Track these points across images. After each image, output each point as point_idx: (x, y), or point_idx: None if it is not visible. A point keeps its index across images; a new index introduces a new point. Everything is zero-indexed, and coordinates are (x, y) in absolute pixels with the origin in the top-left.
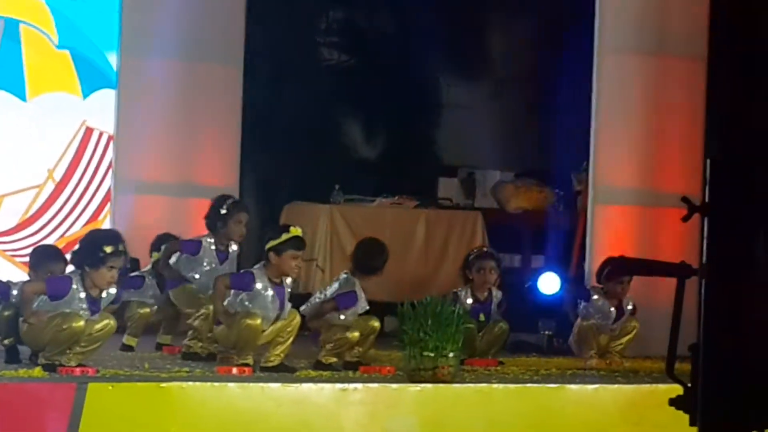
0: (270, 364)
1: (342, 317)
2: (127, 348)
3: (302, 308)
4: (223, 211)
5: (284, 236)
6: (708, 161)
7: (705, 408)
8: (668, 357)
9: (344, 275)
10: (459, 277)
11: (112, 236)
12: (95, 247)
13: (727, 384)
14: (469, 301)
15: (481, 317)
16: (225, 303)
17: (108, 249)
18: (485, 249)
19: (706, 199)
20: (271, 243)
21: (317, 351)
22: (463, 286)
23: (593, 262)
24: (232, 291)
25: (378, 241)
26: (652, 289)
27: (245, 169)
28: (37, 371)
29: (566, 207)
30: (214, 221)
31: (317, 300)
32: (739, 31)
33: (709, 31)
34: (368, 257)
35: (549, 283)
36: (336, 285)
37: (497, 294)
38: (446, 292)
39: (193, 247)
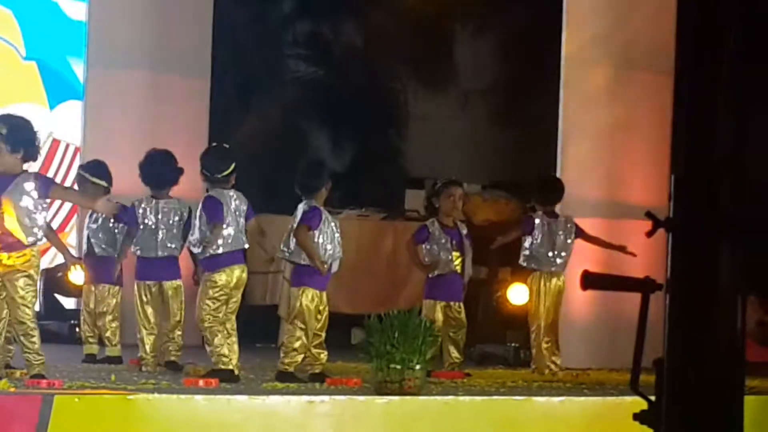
0: None
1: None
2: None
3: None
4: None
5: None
6: (673, 177)
7: (669, 423)
8: (633, 371)
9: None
10: (424, 209)
11: None
12: None
13: (691, 399)
14: (437, 229)
15: (456, 256)
16: None
17: None
18: (453, 177)
19: (671, 215)
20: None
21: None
22: (429, 218)
23: None
24: None
25: (318, 161)
26: (618, 302)
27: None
28: (3, 383)
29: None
30: None
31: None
32: (704, 45)
33: (675, 46)
34: (307, 176)
35: (518, 294)
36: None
37: (462, 225)
38: (413, 304)
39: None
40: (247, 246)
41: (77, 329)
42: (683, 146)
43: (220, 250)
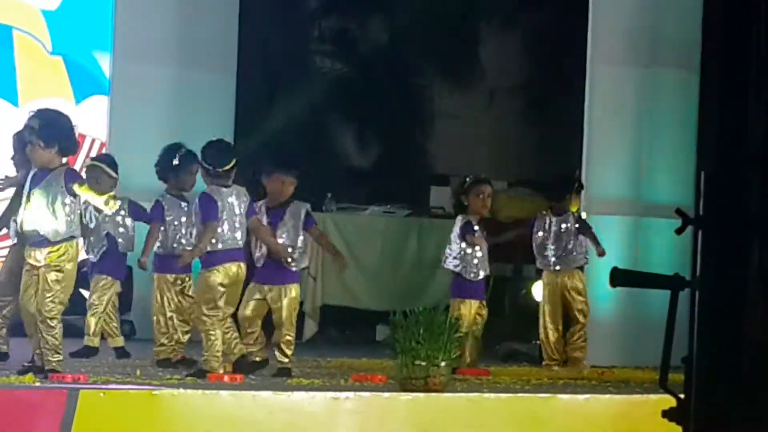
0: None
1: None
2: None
3: None
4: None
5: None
6: (702, 174)
7: (698, 420)
8: (661, 368)
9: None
10: (452, 206)
11: None
12: None
13: (720, 396)
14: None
15: None
16: None
17: None
18: (483, 175)
19: (700, 212)
20: None
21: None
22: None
23: None
24: None
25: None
26: (643, 299)
27: (237, 176)
28: (29, 378)
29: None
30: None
31: None
32: (733, 42)
33: (702, 43)
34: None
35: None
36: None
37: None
38: (439, 301)
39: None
40: (241, 244)
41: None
42: (712, 143)
43: (218, 247)
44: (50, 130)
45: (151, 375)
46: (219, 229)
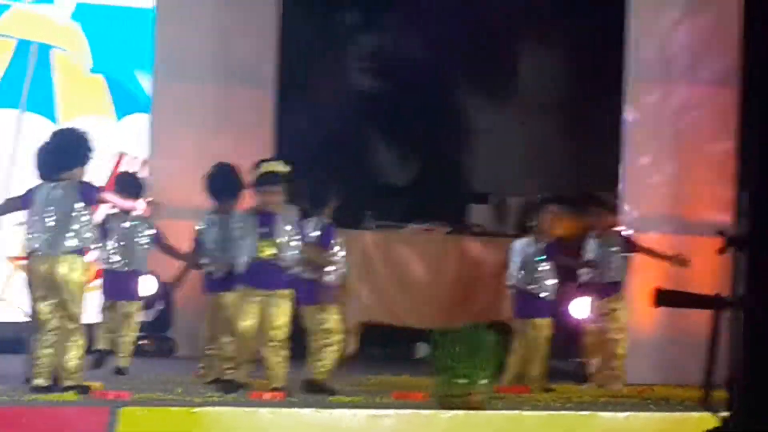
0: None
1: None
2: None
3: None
4: None
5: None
6: (745, 194)
7: None
8: (704, 388)
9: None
10: (517, 227)
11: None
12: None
13: (764, 417)
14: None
15: None
16: None
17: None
18: (546, 194)
19: (743, 232)
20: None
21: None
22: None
23: None
24: None
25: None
26: (683, 317)
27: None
28: (72, 395)
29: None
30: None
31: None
32: None
33: (742, 59)
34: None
35: (581, 308)
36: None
37: None
38: (479, 319)
39: None
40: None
41: (141, 341)
42: (754, 162)
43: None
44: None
45: (192, 392)
46: None
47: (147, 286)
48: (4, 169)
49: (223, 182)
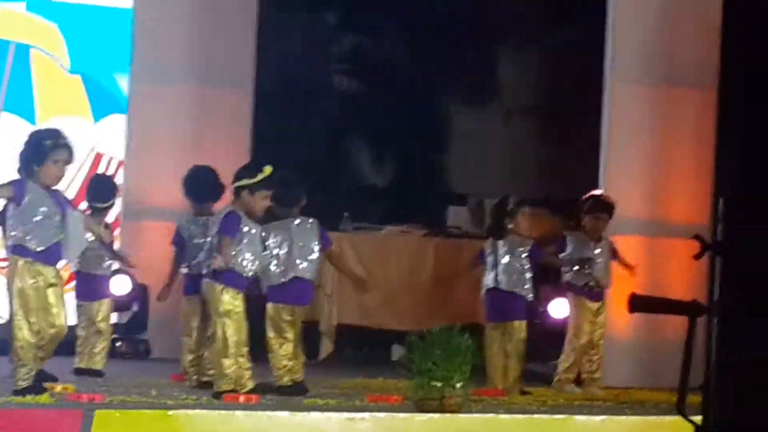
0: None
1: None
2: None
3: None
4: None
5: (259, 175)
6: (721, 200)
7: None
8: (679, 394)
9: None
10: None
11: (53, 132)
12: (38, 144)
13: (739, 423)
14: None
15: None
16: None
17: (49, 143)
18: (601, 196)
19: (719, 237)
20: (245, 182)
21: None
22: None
23: None
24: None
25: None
26: (659, 321)
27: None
28: (45, 398)
29: None
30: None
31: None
32: (751, 62)
33: (720, 62)
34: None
35: (559, 308)
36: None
37: None
38: (454, 321)
39: None
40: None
41: (116, 344)
42: (731, 167)
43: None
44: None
45: (167, 395)
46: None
47: (120, 286)
48: None
49: (201, 184)
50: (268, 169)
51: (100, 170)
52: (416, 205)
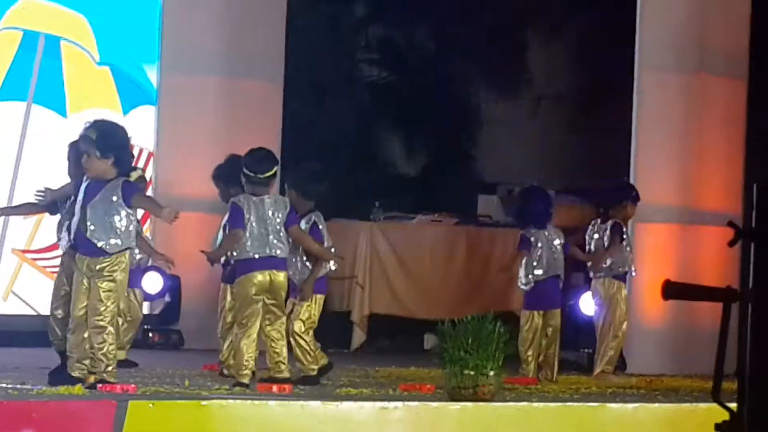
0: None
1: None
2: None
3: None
4: None
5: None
6: (755, 186)
7: None
8: (714, 381)
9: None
10: (598, 210)
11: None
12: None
13: None
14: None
15: None
16: None
17: None
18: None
19: (753, 224)
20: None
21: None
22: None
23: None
24: None
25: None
26: (692, 308)
27: (284, 185)
28: (78, 389)
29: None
30: None
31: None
32: None
33: (750, 50)
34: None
35: (588, 304)
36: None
37: None
38: (487, 310)
39: None
40: (277, 252)
41: (149, 335)
42: (763, 153)
43: (244, 256)
44: (107, 141)
45: (200, 385)
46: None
47: (152, 284)
48: (11, 163)
49: (233, 173)
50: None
51: None
52: (447, 194)
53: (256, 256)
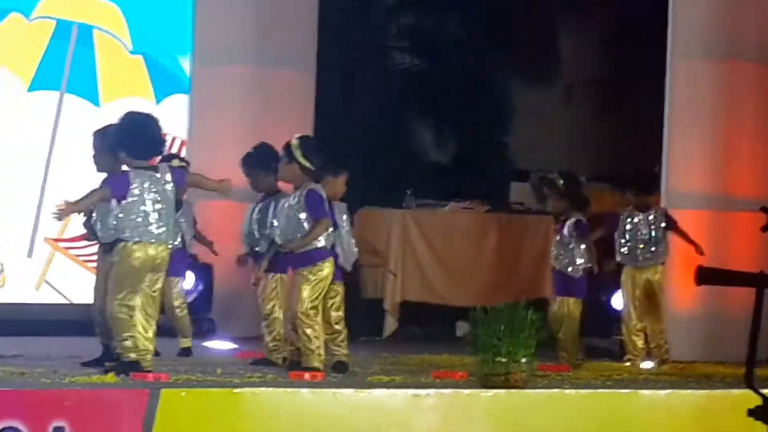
0: None
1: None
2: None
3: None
4: None
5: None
6: None
7: None
8: (747, 367)
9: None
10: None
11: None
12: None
13: None
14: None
15: None
16: None
17: None
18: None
19: None
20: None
21: None
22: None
23: None
24: None
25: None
26: (724, 294)
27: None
28: (110, 377)
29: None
30: None
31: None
32: None
33: None
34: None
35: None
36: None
37: None
38: (519, 297)
39: None
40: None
41: None
42: None
43: (321, 244)
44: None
45: (232, 373)
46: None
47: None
48: (44, 152)
49: (264, 161)
50: None
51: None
52: (478, 181)
53: (329, 246)
